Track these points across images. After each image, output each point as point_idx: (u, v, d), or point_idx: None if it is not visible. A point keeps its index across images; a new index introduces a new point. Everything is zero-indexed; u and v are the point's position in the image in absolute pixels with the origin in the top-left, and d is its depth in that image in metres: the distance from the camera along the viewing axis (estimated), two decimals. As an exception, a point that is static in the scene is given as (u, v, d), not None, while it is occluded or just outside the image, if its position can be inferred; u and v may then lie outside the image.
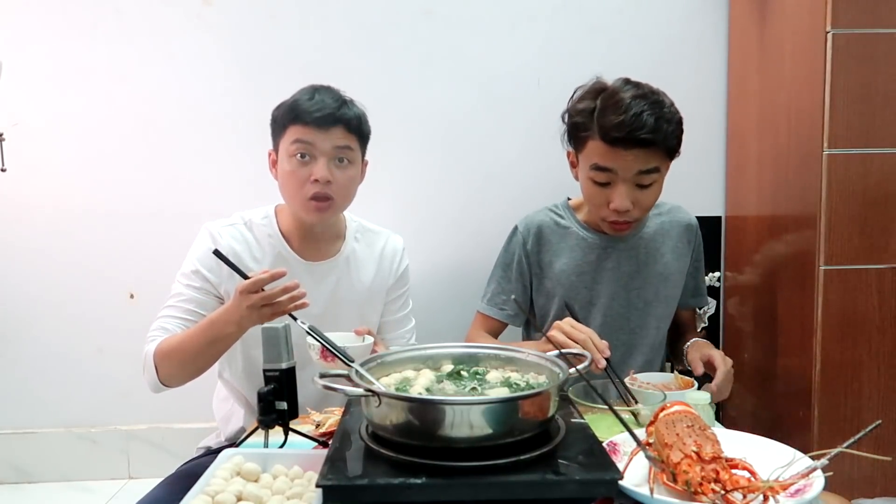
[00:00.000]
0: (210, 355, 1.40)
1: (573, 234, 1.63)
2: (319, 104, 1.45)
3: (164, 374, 1.40)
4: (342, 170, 1.49)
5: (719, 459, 0.86)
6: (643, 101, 1.40)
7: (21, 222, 2.12)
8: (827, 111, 1.63)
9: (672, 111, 1.44)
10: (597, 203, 1.50)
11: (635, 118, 1.38)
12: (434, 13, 2.09)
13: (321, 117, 1.44)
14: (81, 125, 2.09)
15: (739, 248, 2.12)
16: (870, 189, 1.65)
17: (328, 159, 1.46)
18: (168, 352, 1.39)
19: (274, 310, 1.26)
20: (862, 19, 1.61)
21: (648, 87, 1.45)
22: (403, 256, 1.70)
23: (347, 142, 1.48)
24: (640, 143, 1.39)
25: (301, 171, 1.46)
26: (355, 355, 1.25)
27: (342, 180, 1.49)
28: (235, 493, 0.90)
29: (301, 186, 1.46)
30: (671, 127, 1.42)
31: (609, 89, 1.47)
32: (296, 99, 1.48)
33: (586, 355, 1.05)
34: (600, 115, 1.42)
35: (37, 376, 2.18)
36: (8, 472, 2.20)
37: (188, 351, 1.37)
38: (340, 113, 1.46)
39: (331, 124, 1.45)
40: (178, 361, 1.39)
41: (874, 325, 1.69)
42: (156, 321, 1.46)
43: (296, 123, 1.46)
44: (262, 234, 1.56)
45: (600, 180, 1.46)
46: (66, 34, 2.06)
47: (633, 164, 1.42)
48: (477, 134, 2.13)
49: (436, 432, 0.85)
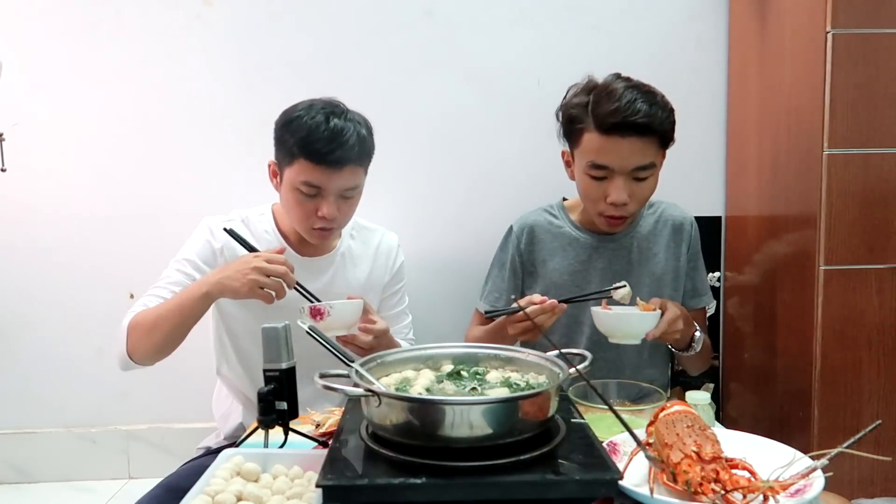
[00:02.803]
0: (176, 324, 1.38)
1: (566, 234, 1.64)
2: (331, 144, 1.40)
3: (132, 343, 1.40)
4: (348, 202, 1.50)
5: (719, 459, 0.86)
6: (635, 91, 1.44)
7: (21, 222, 2.12)
8: (827, 111, 1.63)
9: (664, 100, 1.47)
10: (594, 198, 1.51)
11: (629, 105, 1.41)
12: (434, 13, 2.09)
13: (334, 160, 1.41)
14: (81, 125, 2.09)
15: (739, 248, 2.12)
16: (870, 189, 1.65)
17: (336, 196, 1.46)
18: (139, 321, 1.40)
19: (270, 277, 1.31)
20: (862, 19, 1.61)
21: (639, 81, 1.49)
22: (399, 253, 1.71)
23: (356, 181, 1.48)
24: (635, 129, 1.41)
25: (307, 205, 1.46)
26: (346, 313, 1.37)
27: (346, 210, 1.51)
28: (235, 493, 0.90)
29: (306, 218, 1.48)
30: (665, 113, 1.45)
31: (602, 83, 1.50)
32: (309, 128, 1.42)
33: (587, 355, 1.05)
34: (595, 107, 1.45)
35: (37, 376, 2.18)
36: (8, 472, 2.20)
37: (156, 319, 1.38)
38: (353, 154, 1.44)
39: (343, 165, 1.43)
40: (144, 331, 1.39)
41: (874, 325, 1.68)
42: (140, 298, 1.47)
43: (305, 159, 1.42)
44: (259, 231, 1.57)
45: (597, 175, 1.47)
46: (66, 34, 2.06)
47: (630, 158, 1.44)
48: (476, 133, 2.13)
49: (436, 432, 0.85)
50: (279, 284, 1.34)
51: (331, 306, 1.35)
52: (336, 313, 1.35)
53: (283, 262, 1.35)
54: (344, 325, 1.38)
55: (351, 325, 1.40)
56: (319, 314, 1.34)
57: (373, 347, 1.41)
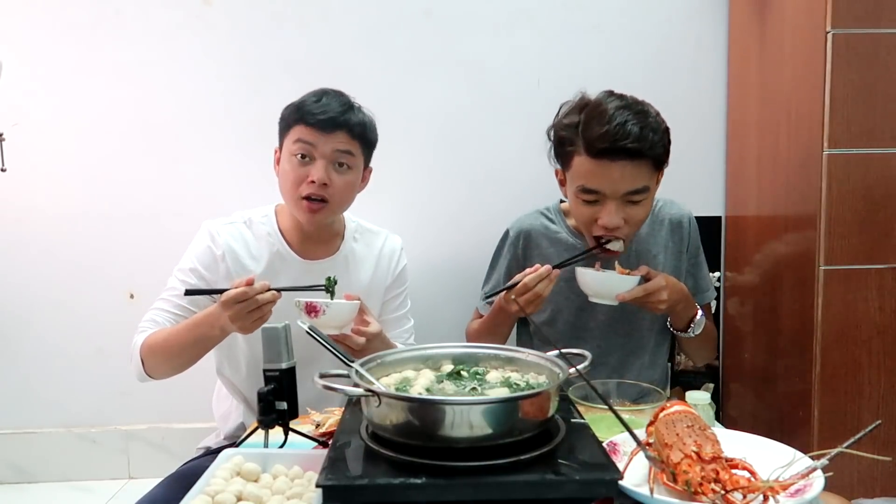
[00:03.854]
0: (194, 353, 1.45)
1: (562, 241, 1.62)
2: (325, 107, 1.47)
3: (149, 366, 1.46)
4: (341, 174, 1.49)
5: (719, 459, 0.86)
6: (627, 111, 1.38)
7: (21, 222, 2.12)
8: (827, 111, 1.63)
9: (657, 121, 1.41)
10: (586, 221, 1.48)
11: (619, 128, 1.35)
12: (434, 13, 2.09)
13: (324, 120, 1.46)
14: (81, 125, 2.09)
15: (739, 248, 2.12)
16: (870, 189, 1.65)
17: (327, 162, 1.47)
18: (154, 346, 1.44)
19: (260, 314, 1.30)
20: (862, 19, 1.61)
21: (632, 98, 1.43)
22: (401, 256, 1.71)
23: (349, 147, 1.49)
24: (625, 153, 1.36)
25: (299, 171, 1.47)
26: (341, 313, 1.37)
27: (339, 184, 1.49)
28: (235, 493, 0.90)
29: (297, 185, 1.48)
30: (657, 136, 1.39)
31: (593, 102, 1.44)
32: (303, 100, 1.50)
33: (587, 355, 1.05)
34: (584, 129, 1.40)
35: (37, 376, 2.18)
36: (8, 472, 2.20)
37: (173, 347, 1.42)
38: (345, 118, 1.48)
39: (334, 128, 1.47)
40: (162, 357, 1.44)
41: (874, 325, 1.68)
42: (148, 312, 1.51)
43: (300, 124, 1.48)
44: (262, 233, 1.56)
45: (589, 199, 1.44)
46: (66, 34, 2.06)
47: (621, 183, 1.39)
48: (476, 133, 2.13)
49: (436, 432, 0.85)
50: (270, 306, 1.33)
51: (327, 305, 1.35)
52: (331, 312, 1.35)
53: (257, 293, 1.30)
54: (338, 324, 1.38)
55: (344, 325, 1.40)
56: (314, 311, 1.35)
57: (364, 349, 1.41)
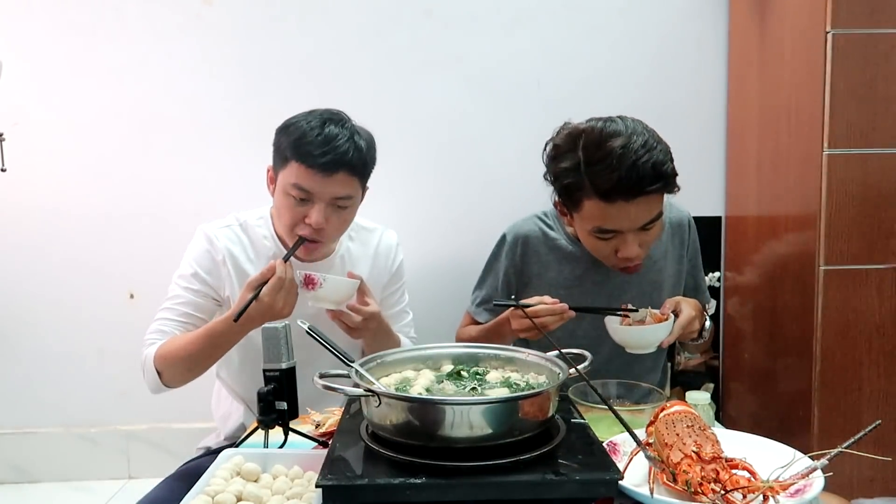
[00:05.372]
0: (213, 358, 1.45)
1: (561, 248, 1.57)
2: (325, 146, 1.38)
3: (167, 377, 1.44)
4: (338, 213, 1.45)
5: (719, 459, 0.86)
6: (629, 150, 1.29)
7: (21, 222, 2.12)
8: (827, 111, 1.63)
9: (661, 146, 1.33)
10: (604, 254, 1.44)
11: (631, 171, 1.28)
12: (434, 13, 2.09)
13: (325, 163, 1.38)
14: (81, 125, 2.09)
15: (739, 248, 2.12)
16: (870, 189, 1.65)
17: (325, 204, 1.42)
18: (169, 356, 1.42)
19: (292, 286, 1.34)
20: (862, 19, 1.61)
21: (630, 127, 1.33)
22: (398, 252, 1.70)
23: (348, 190, 1.43)
24: (642, 192, 1.31)
25: (296, 210, 1.43)
26: (338, 288, 1.38)
27: (336, 223, 1.46)
28: (235, 493, 0.90)
29: (293, 224, 1.44)
30: (667, 166, 1.32)
31: (588, 137, 1.34)
32: (302, 132, 1.39)
33: (587, 355, 1.05)
34: (590, 172, 1.32)
35: (37, 376, 2.18)
36: (8, 472, 2.20)
37: (192, 355, 1.41)
38: (347, 158, 1.39)
39: (334, 170, 1.39)
40: (182, 367, 1.43)
41: (874, 325, 1.69)
42: (153, 323, 1.49)
43: (299, 162, 1.39)
44: (257, 236, 1.56)
45: (605, 237, 1.40)
46: (66, 34, 2.06)
47: (638, 218, 1.35)
48: (476, 134, 2.13)
49: (436, 432, 0.85)
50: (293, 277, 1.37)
51: (324, 278, 1.35)
52: (328, 286, 1.36)
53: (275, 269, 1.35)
54: (335, 299, 1.38)
55: (341, 301, 1.40)
56: (312, 283, 1.35)
57: (361, 330, 1.41)
